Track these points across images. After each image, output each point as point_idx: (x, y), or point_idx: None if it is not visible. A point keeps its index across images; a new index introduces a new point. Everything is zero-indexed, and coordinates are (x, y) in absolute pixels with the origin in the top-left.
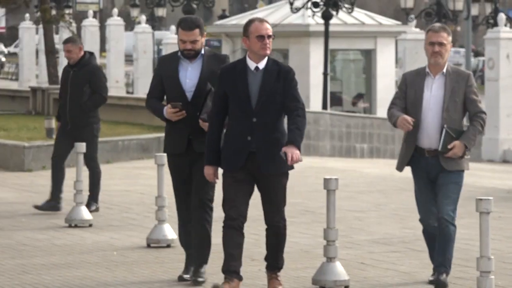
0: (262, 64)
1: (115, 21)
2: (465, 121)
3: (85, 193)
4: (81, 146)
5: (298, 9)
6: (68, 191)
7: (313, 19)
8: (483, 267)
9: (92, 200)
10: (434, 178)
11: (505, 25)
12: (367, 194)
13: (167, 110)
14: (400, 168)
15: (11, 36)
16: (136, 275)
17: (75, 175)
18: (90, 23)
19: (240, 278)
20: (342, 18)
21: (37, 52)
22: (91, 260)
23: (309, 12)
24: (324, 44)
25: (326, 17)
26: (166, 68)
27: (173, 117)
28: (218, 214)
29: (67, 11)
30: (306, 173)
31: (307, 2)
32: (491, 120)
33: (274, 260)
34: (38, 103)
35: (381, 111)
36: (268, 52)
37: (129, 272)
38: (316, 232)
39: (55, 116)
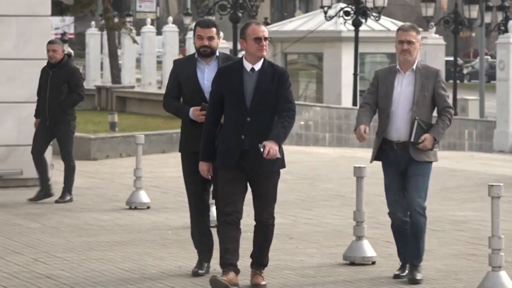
0: (257, 66)
1: (170, 28)
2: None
3: (130, 180)
4: (140, 138)
5: (331, 17)
6: (128, 177)
7: (345, 26)
8: (494, 245)
9: (66, 191)
10: (404, 170)
11: None
12: None
13: (195, 112)
14: (371, 160)
15: (78, 41)
16: (188, 252)
17: (135, 163)
18: (148, 30)
19: (237, 271)
20: (370, 25)
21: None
22: (149, 238)
23: (341, 20)
24: (354, 48)
25: (356, 24)
26: (183, 70)
27: (201, 118)
28: None
29: (128, 19)
30: (338, 162)
31: (340, 11)
32: (502, 115)
33: (259, 257)
34: (103, 100)
35: None
36: (265, 53)
37: (182, 248)
38: (347, 214)
39: (34, 114)
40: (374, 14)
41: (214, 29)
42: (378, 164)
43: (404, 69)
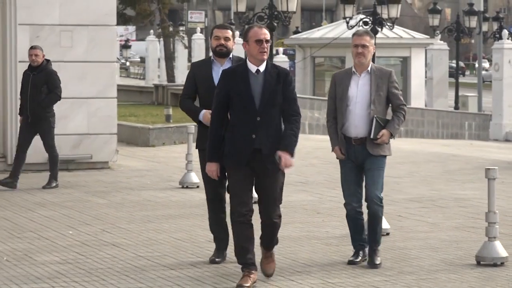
0: (262, 67)
1: None
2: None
3: (182, 163)
4: (191, 128)
5: (352, 26)
6: (180, 161)
7: None
8: (490, 219)
9: (53, 178)
10: (361, 163)
11: (508, 39)
12: (403, 164)
13: (206, 116)
14: (332, 149)
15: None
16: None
17: (187, 149)
18: (198, 37)
19: (256, 269)
20: (385, 33)
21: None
22: (198, 212)
23: (360, 29)
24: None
25: (373, 32)
26: (199, 71)
27: (209, 121)
28: None
29: (181, 28)
30: None
31: (359, 21)
32: (497, 110)
33: (270, 243)
34: (159, 96)
35: (414, 102)
36: (265, 57)
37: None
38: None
39: (18, 112)
40: (388, 24)
41: (230, 31)
42: (393, 151)
43: (359, 71)
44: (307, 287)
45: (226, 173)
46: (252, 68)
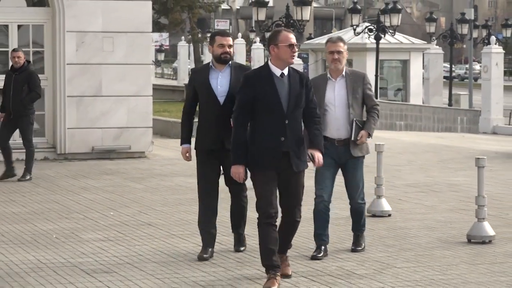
0: (286, 71)
1: (239, 41)
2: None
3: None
4: None
5: (359, 33)
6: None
7: (369, 40)
8: (479, 202)
9: (27, 171)
10: (343, 163)
11: (495, 44)
12: (403, 154)
13: (182, 152)
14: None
15: (172, 51)
16: (253, 206)
17: None
18: None
19: (280, 270)
20: (387, 39)
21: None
22: (222, 196)
23: (366, 35)
24: (376, 56)
25: (377, 38)
26: (198, 78)
27: (184, 158)
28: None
29: (208, 34)
30: None
31: (365, 28)
32: (485, 106)
33: (285, 245)
34: None
35: (413, 100)
36: (294, 61)
37: (248, 204)
38: (370, 178)
39: (0, 109)
40: (390, 31)
41: (231, 39)
42: (392, 142)
43: (335, 76)
44: (319, 261)
45: (251, 176)
46: (276, 71)
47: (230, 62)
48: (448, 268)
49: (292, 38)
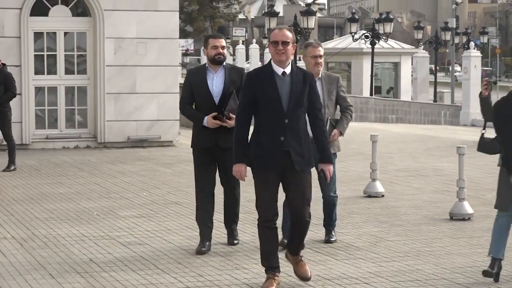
0: (288, 69)
1: (254, 46)
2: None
3: None
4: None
5: (356, 39)
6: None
7: (365, 45)
8: (460, 184)
9: (11, 163)
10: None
11: (474, 49)
12: (394, 144)
13: (210, 121)
14: None
15: (196, 54)
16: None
17: None
18: (240, 48)
19: (280, 271)
20: (381, 44)
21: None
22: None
23: (362, 41)
24: (371, 59)
25: (372, 43)
26: (195, 78)
27: (214, 125)
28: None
29: (227, 40)
30: (360, 132)
31: (362, 35)
32: (465, 102)
33: (298, 246)
34: None
35: (403, 97)
36: (283, 58)
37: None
38: (365, 164)
39: None
40: (384, 37)
41: (224, 40)
42: (385, 133)
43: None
44: (321, 235)
45: (252, 176)
46: (278, 70)
47: (224, 64)
48: (433, 241)
49: (278, 35)
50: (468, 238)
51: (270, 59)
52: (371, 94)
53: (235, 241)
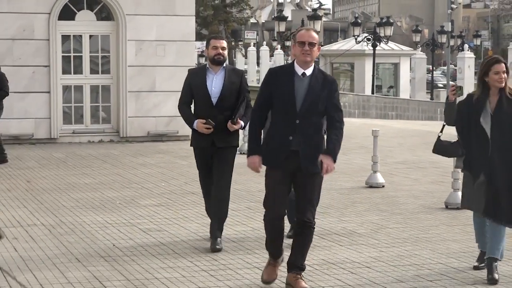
0: (309, 71)
1: (264, 48)
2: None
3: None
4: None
5: (359, 42)
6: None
7: (367, 47)
8: (455, 176)
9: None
10: None
11: (468, 50)
12: (394, 138)
13: (199, 124)
14: None
15: None
16: None
17: None
18: (252, 49)
19: (282, 258)
20: (382, 46)
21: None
22: (251, 172)
23: (365, 43)
24: (373, 60)
25: (374, 45)
26: (195, 78)
27: (202, 130)
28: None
29: (240, 43)
30: (362, 127)
31: (364, 38)
32: (460, 100)
33: (300, 260)
34: None
35: (402, 95)
36: (308, 59)
37: None
38: (367, 157)
39: None
40: (384, 40)
41: (225, 42)
42: (386, 128)
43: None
44: (326, 223)
45: (265, 172)
46: (299, 70)
47: (224, 65)
48: (430, 229)
49: (305, 36)
50: (462, 225)
51: (294, 60)
52: (372, 92)
53: (218, 246)
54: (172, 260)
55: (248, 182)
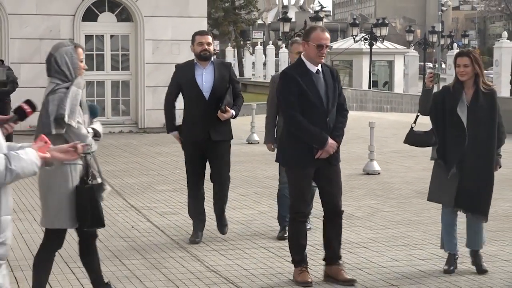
0: (320, 67)
1: (270, 47)
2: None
3: (248, 128)
4: (254, 105)
5: (357, 41)
6: (247, 126)
7: (364, 46)
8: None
9: None
10: None
11: (456, 49)
12: (389, 129)
13: (176, 136)
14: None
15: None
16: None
17: (251, 119)
18: (259, 48)
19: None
20: (378, 45)
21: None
22: (258, 160)
23: (362, 42)
24: (369, 57)
25: (371, 44)
26: (183, 74)
27: (177, 138)
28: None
29: (248, 42)
30: (360, 119)
31: (362, 37)
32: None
33: (337, 249)
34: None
35: (397, 90)
36: (323, 60)
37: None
38: (364, 146)
39: None
40: (380, 39)
41: (210, 37)
42: (381, 120)
43: None
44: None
45: (286, 173)
46: (312, 68)
47: (212, 59)
48: (422, 212)
49: (323, 38)
50: None
51: (300, 56)
52: (369, 87)
53: (225, 229)
54: (186, 240)
55: (255, 169)
